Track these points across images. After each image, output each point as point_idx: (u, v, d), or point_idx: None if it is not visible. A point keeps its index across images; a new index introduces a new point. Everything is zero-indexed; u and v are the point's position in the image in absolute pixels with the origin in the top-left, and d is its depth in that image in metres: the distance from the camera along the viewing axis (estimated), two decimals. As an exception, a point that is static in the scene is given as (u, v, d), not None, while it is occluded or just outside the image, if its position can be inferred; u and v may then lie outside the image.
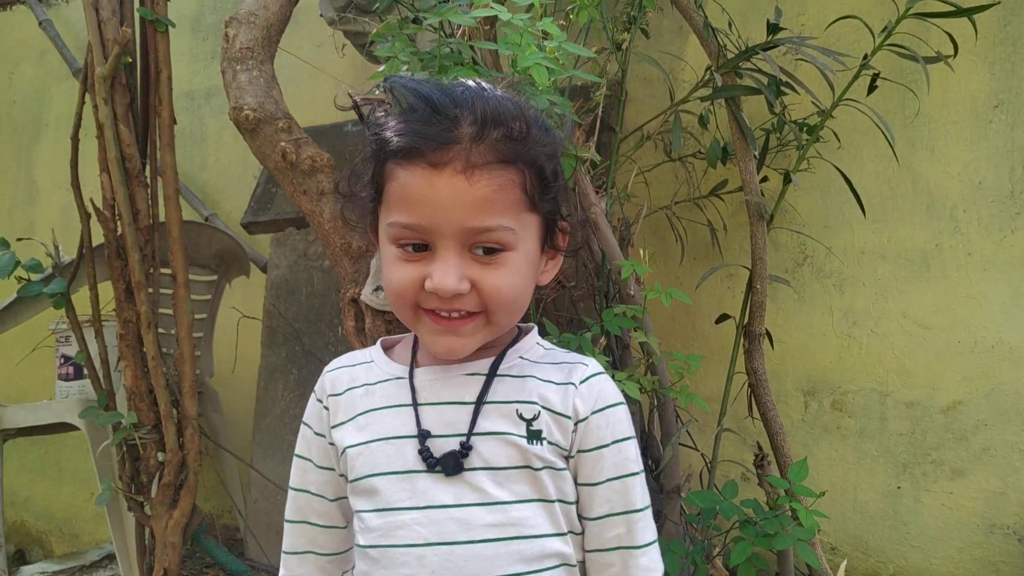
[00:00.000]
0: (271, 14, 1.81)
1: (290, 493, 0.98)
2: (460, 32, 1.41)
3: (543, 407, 0.87)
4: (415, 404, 0.87)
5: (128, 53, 1.85)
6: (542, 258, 0.90)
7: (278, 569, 1.00)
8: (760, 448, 1.63)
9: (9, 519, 2.96)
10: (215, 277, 2.46)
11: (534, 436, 0.85)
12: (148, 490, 1.92)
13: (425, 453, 0.84)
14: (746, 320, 1.68)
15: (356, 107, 0.89)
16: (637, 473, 0.91)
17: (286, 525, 0.98)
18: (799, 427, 1.92)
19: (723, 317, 1.76)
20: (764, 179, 1.78)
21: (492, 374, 0.88)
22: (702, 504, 1.42)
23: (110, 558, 2.53)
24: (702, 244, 1.99)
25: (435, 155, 0.79)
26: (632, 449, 0.91)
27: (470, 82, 0.85)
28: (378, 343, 0.97)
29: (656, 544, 0.92)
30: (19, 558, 3.17)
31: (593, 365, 0.92)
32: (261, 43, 1.77)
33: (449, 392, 0.88)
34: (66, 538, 3.15)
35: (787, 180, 1.66)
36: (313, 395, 0.96)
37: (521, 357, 0.91)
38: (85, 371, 2.22)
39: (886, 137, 1.60)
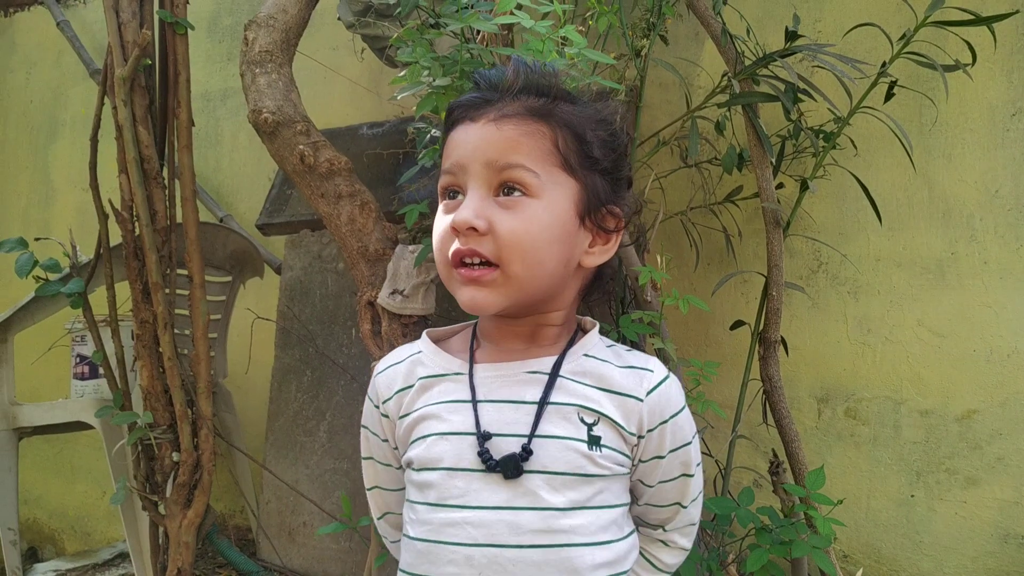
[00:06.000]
0: (290, 17, 1.82)
1: (368, 494, 1.04)
2: (480, 37, 1.42)
3: (604, 414, 0.86)
4: (474, 401, 0.87)
5: (147, 55, 1.86)
6: (583, 232, 0.89)
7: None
8: (775, 455, 1.63)
9: (22, 517, 2.97)
10: (229, 278, 2.48)
11: (594, 441, 0.85)
12: (163, 490, 1.93)
13: (485, 455, 0.83)
14: (761, 327, 1.68)
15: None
16: (694, 474, 0.95)
17: (376, 524, 1.06)
18: (812, 434, 1.91)
19: (738, 323, 1.76)
20: (780, 186, 1.78)
21: (554, 374, 0.87)
22: (718, 511, 1.42)
23: (122, 556, 2.55)
24: (716, 250, 1.99)
25: (474, 112, 0.87)
26: (692, 452, 0.94)
27: (524, 59, 0.92)
28: (424, 336, 0.96)
29: (702, 494, 0.98)
30: (31, 555, 3.19)
31: (658, 370, 0.92)
32: (280, 46, 1.78)
33: (509, 390, 0.87)
34: (78, 536, 3.17)
35: (804, 187, 1.66)
36: (368, 399, 0.98)
37: (586, 355, 0.90)
38: (100, 370, 2.24)
39: (903, 145, 1.60)
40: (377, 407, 0.95)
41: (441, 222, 0.87)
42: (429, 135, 1.44)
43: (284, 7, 1.81)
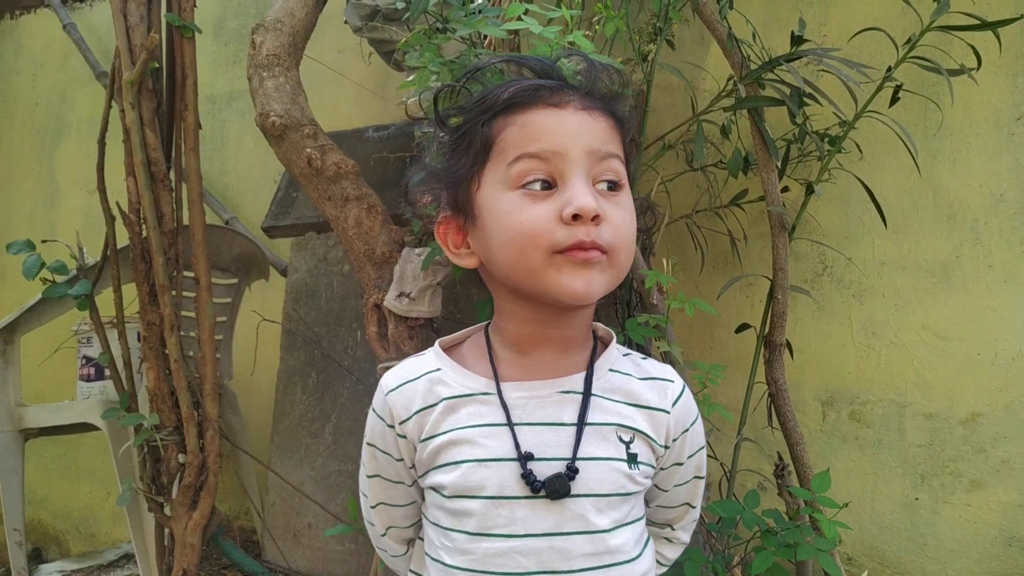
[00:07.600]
0: (297, 21, 1.82)
1: (368, 511, 0.99)
2: (487, 42, 1.43)
3: (638, 430, 0.86)
4: (510, 424, 0.84)
5: (155, 59, 1.87)
6: None
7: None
8: (780, 458, 1.64)
9: (27, 518, 2.98)
10: (235, 280, 2.48)
11: (632, 459, 0.85)
12: (168, 491, 1.94)
13: (529, 477, 0.81)
14: (766, 330, 1.69)
15: (436, 96, 0.95)
16: (704, 476, 0.98)
17: (378, 539, 1.02)
18: (817, 437, 1.92)
19: (743, 327, 1.76)
20: (785, 189, 1.78)
21: (588, 392, 0.86)
22: (725, 513, 1.42)
23: (127, 557, 2.55)
24: (721, 253, 1.99)
25: (554, 97, 0.82)
26: (705, 454, 0.96)
27: (588, 56, 0.90)
28: (437, 348, 0.93)
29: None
30: (36, 556, 3.20)
31: (677, 379, 0.92)
32: (287, 50, 1.79)
33: (545, 412, 0.85)
34: (83, 537, 3.18)
35: (809, 191, 1.66)
36: (374, 413, 0.92)
37: (611, 369, 0.89)
38: (106, 372, 2.25)
39: (908, 149, 1.60)
40: (392, 427, 0.89)
41: (534, 211, 0.79)
42: (438, 139, 1.44)
43: (291, 11, 1.82)
